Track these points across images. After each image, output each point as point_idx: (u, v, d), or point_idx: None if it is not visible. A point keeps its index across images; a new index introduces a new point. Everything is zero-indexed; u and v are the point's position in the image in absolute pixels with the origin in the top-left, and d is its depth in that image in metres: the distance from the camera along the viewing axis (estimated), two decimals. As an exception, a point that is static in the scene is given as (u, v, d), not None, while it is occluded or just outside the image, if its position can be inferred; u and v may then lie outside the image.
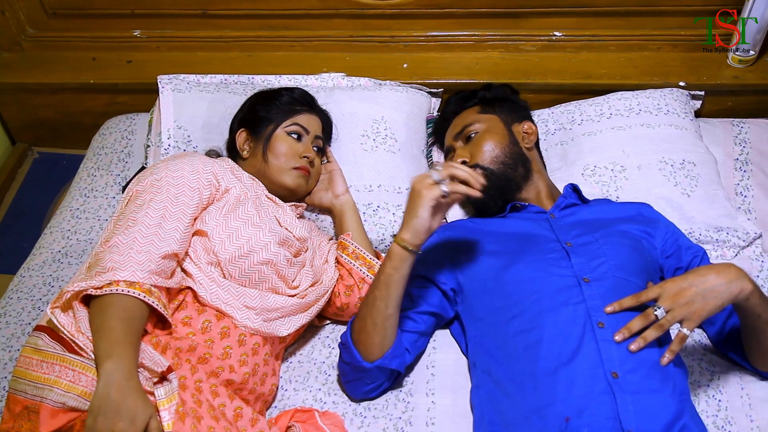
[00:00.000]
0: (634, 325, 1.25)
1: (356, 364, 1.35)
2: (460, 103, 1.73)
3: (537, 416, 1.22)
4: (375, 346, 1.34)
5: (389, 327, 1.34)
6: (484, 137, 1.60)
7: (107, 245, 1.25)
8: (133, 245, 1.24)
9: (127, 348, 1.15)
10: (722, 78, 2.03)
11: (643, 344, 1.23)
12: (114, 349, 1.13)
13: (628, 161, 1.77)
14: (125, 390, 1.10)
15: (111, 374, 1.11)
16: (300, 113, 1.61)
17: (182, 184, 1.37)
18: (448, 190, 1.25)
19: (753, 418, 1.38)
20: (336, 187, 1.66)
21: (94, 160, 2.00)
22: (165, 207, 1.32)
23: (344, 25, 2.11)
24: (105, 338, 1.15)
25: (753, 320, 1.28)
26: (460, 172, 1.26)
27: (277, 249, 1.40)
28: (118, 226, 1.29)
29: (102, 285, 1.18)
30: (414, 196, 1.27)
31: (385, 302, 1.31)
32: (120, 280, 1.19)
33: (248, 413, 1.25)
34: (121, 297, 1.18)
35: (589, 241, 1.43)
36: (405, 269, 1.30)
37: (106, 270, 1.20)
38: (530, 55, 2.12)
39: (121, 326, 1.16)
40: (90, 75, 2.14)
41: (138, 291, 1.19)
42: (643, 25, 2.08)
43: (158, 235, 1.27)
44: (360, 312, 1.36)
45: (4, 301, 1.65)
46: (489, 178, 1.52)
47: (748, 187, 1.82)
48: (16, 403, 1.19)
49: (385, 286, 1.30)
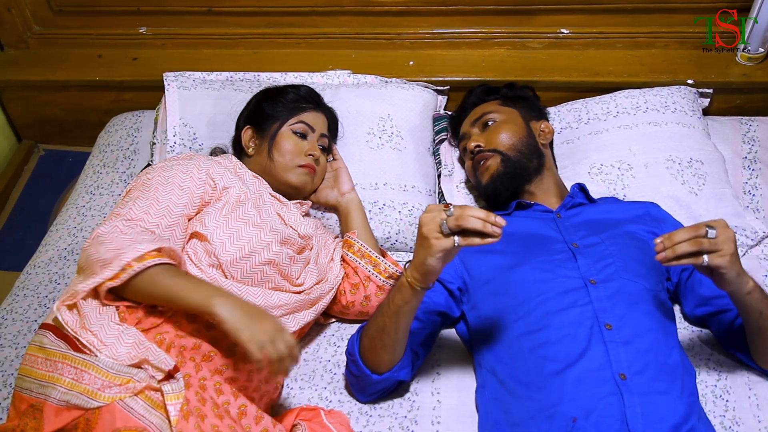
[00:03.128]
0: (680, 235, 1.17)
1: (364, 377, 1.35)
2: (481, 96, 1.74)
3: (543, 416, 1.22)
4: (384, 363, 1.33)
5: (399, 347, 1.32)
6: (502, 126, 1.61)
7: (91, 239, 1.27)
8: (118, 233, 1.26)
9: (202, 286, 1.20)
10: (731, 76, 2.02)
11: (671, 255, 1.16)
12: (204, 291, 1.18)
13: (635, 159, 1.76)
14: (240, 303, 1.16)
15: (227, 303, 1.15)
16: (306, 111, 1.60)
17: (172, 183, 1.38)
18: (460, 244, 1.13)
19: (761, 418, 1.37)
20: (342, 185, 1.66)
21: (100, 157, 2.00)
22: (150, 204, 1.34)
23: (350, 22, 2.11)
24: (186, 295, 1.17)
25: (756, 318, 1.28)
26: (472, 222, 1.11)
27: (278, 248, 1.40)
28: (103, 220, 1.32)
29: (116, 274, 1.19)
30: (423, 242, 1.16)
31: (394, 328, 1.28)
32: (130, 260, 1.19)
33: (252, 411, 1.25)
34: (149, 270, 1.20)
35: (596, 242, 1.42)
36: (415, 302, 1.26)
37: (110, 260, 1.20)
38: (537, 53, 2.11)
39: (182, 281, 1.20)
40: (96, 72, 2.14)
41: (152, 259, 1.20)
42: (650, 23, 2.07)
43: (140, 227, 1.30)
44: (369, 331, 1.33)
45: (11, 298, 1.65)
46: (503, 162, 1.54)
47: (756, 186, 1.81)
48: (21, 401, 1.19)
49: (395, 315, 1.27)
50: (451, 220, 1.12)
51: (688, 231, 1.17)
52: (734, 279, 1.20)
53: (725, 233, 1.18)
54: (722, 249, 1.17)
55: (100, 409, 1.12)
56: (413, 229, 1.71)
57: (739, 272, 1.21)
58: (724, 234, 1.18)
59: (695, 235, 1.17)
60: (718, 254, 1.17)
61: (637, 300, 1.33)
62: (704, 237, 1.16)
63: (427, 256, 1.15)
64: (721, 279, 1.21)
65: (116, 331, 1.22)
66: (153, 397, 1.16)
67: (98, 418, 1.12)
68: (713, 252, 1.17)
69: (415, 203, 1.73)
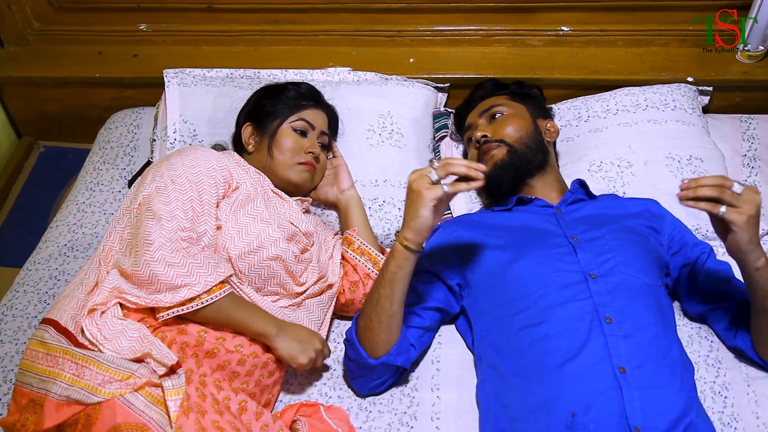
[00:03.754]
0: (707, 179, 1.21)
1: (361, 360, 1.35)
2: (491, 89, 1.75)
3: (543, 411, 1.22)
4: (380, 343, 1.34)
5: (394, 324, 1.33)
6: (510, 119, 1.61)
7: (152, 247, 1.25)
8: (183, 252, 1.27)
9: (261, 317, 1.33)
10: (731, 73, 2.02)
11: (692, 195, 1.20)
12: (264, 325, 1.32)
13: (634, 157, 1.76)
14: (292, 330, 1.35)
15: (285, 338, 1.33)
16: (306, 108, 1.60)
17: (201, 181, 1.38)
18: (449, 191, 1.23)
19: (759, 414, 1.37)
20: (341, 182, 1.66)
21: (100, 154, 2.00)
22: (192, 207, 1.33)
23: (350, 19, 2.11)
24: (248, 327, 1.31)
25: (762, 298, 1.28)
26: (458, 167, 1.23)
27: (285, 245, 1.41)
28: (144, 216, 1.30)
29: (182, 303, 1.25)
30: (414, 197, 1.24)
31: (389, 300, 1.30)
32: (199, 294, 1.26)
33: (253, 407, 1.25)
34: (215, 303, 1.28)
35: (596, 237, 1.43)
36: (409, 267, 1.29)
37: (178, 287, 1.24)
38: (537, 50, 2.11)
39: (244, 313, 1.31)
40: (96, 69, 2.14)
41: (218, 291, 1.27)
42: (651, 20, 2.07)
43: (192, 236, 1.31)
44: (364, 309, 1.36)
45: (11, 294, 1.65)
46: (510, 153, 1.56)
47: (756, 183, 1.81)
48: (22, 395, 1.20)
49: (390, 284, 1.30)
50: (439, 169, 1.23)
51: (716, 178, 1.21)
52: (745, 245, 1.22)
53: (751, 194, 1.21)
54: (742, 207, 1.20)
55: (100, 404, 1.13)
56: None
57: (752, 240, 1.22)
58: (749, 194, 1.21)
59: (722, 183, 1.21)
60: (736, 210, 1.20)
61: (637, 294, 1.34)
62: (729, 189, 1.20)
63: (420, 207, 1.23)
64: (734, 241, 1.22)
65: (120, 325, 1.23)
66: (153, 393, 1.16)
67: (98, 413, 1.12)
68: (733, 206, 1.20)
69: (415, 200, 1.73)
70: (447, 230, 1.54)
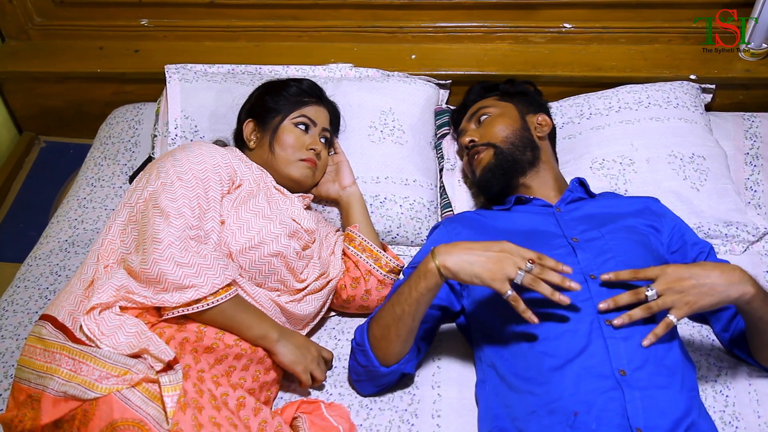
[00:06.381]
0: (622, 299, 1.24)
1: (372, 368, 1.35)
2: (480, 92, 1.75)
3: (545, 411, 1.22)
4: (394, 354, 1.33)
5: (411, 338, 1.33)
6: (496, 120, 1.62)
7: (161, 246, 1.25)
8: (191, 250, 1.27)
9: (263, 322, 1.34)
10: (734, 71, 2.02)
11: (627, 320, 1.23)
12: (265, 330, 1.33)
13: (636, 155, 1.76)
14: (291, 336, 1.37)
15: (285, 344, 1.35)
16: (308, 105, 1.60)
17: (207, 178, 1.37)
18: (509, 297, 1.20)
19: (761, 414, 1.37)
20: (343, 179, 1.66)
21: (101, 149, 2.00)
22: (198, 204, 1.33)
23: (352, 15, 2.10)
24: (248, 332, 1.31)
25: (755, 322, 1.28)
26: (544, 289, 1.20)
27: (287, 241, 1.40)
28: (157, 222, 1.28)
29: (188, 303, 1.25)
30: (494, 258, 1.20)
31: (412, 317, 1.29)
32: (206, 296, 1.26)
33: (251, 403, 1.25)
34: (221, 306, 1.28)
35: (596, 237, 1.42)
36: (436, 291, 1.27)
37: (185, 287, 1.24)
38: (539, 47, 2.11)
39: (246, 316, 1.31)
40: (97, 64, 2.14)
41: (224, 294, 1.28)
42: (653, 18, 2.06)
43: (200, 235, 1.30)
44: (382, 320, 1.33)
45: (11, 289, 1.65)
46: (496, 155, 1.56)
47: (758, 182, 1.81)
48: (20, 391, 1.20)
49: (416, 303, 1.27)
50: (527, 279, 1.19)
51: (629, 295, 1.24)
52: (721, 303, 1.21)
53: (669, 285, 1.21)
54: (674, 302, 1.21)
55: (97, 400, 1.13)
56: (414, 223, 1.71)
57: (722, 298, 1.21)
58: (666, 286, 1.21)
59: (637, 299, 1.23)
60: (674, 311, 1.22)
61: (636, 296, 1.33)
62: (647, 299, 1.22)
63: (482, 275, 1.19)
64: (709, 310, 1.23)
65: (117, 321, 1.23)
66: (150, 389, 1.16)
67: (95, 409, 1.12)
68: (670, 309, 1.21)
69: (416, 197, 1.73)
70: (448, 227, 1.53)
